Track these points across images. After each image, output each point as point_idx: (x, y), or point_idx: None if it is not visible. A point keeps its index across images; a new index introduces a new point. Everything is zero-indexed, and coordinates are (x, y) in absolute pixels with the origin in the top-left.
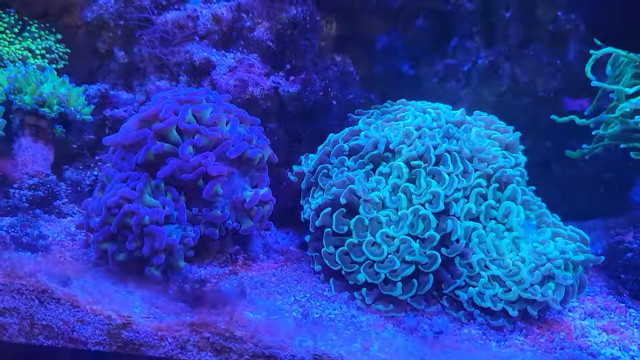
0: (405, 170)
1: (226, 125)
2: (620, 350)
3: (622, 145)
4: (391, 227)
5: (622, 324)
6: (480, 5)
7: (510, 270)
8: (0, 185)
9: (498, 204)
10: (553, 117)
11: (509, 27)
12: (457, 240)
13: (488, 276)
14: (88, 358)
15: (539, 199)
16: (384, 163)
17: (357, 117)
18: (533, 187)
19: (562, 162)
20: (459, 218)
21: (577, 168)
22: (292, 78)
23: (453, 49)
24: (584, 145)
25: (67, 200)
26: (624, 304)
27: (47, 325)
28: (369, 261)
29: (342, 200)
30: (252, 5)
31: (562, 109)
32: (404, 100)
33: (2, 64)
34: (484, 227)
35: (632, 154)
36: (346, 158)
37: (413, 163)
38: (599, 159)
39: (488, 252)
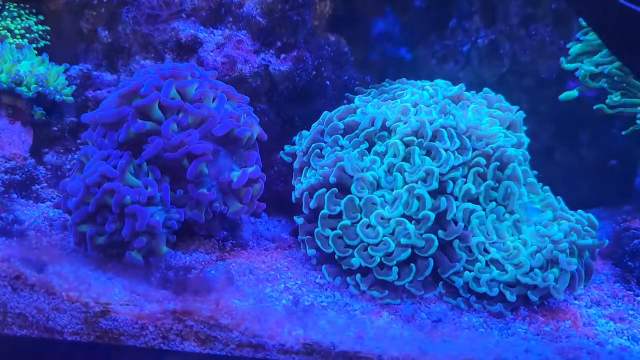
0: (402, 147)
1: (213, 101)
2: (629, 339)
3: (623, 132)
4: (386, 207)
5: (630, 312)
6: None
7: (510, 254)
8: None
9: (498, 185)
10: (563, 96)
11: (510, 6)
12: (455, 222)
13: (486, 260)
14: (65, 349)
15: (541, 184)
16: (379, 142)
17: (354, 96)
18: (535, 172)
19: (565, 149)
20: (456, 198)
21: (579, 155)
22: (283, 56)
23: (452, 29)
24: None
25: (46, 185)
26: (631, 292)
27: (20, 313)
28: (363, 244)
29: (332, 180)
30: None
31: (563, 90)
32: (403, 79)
33: None
34: (484, 209)
35: None
36: (340, 137)
37: (406, 139)
38: (602, 147)
39: (488, 235)
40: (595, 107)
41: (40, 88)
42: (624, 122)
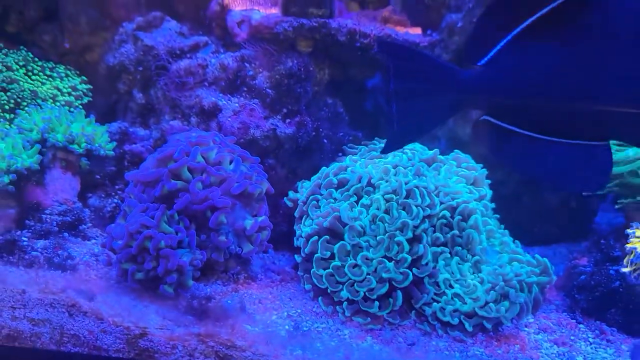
0: (383, 202)
1: (230, 163)
2: None
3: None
4: (370, 250)
5: (572, 337)
6: (455, 57)
7: (470, 289)
8: (35, 211)
9: (462, 233)
10: None
11: None
12: (427, 263)
13: (451, 294)
14: None
15: (502, 226)
16: (365, 196)
17: (348, 151)
18: (497, 216)
19: (530, 194)
20: (428, 244)
21: (544, 199)
22: (288, 121)
23: None
24: None
25: (90, 224)
26: (574, 321)
27: (74, 334)
28: (350, 280)
29: (326, 225)
30: (254, 57)
31: None
32: None
33: (37, 103)
34: (450, 252)
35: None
36: (334, 190)
37: (387, 197)
38: (564, 192)
39: (453, 274)
40: None
41: (89, 145)
42: None
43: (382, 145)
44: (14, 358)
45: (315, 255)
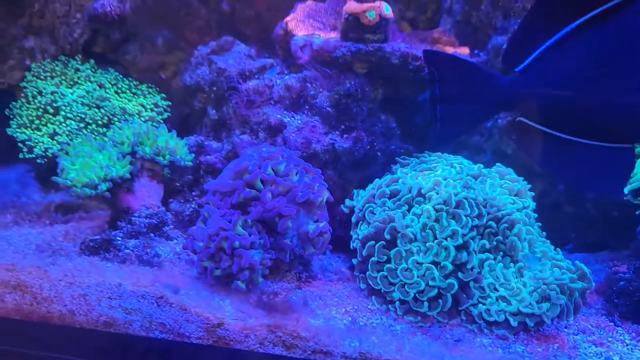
0: (433, 212)
1: (295, 175)
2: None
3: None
4: (420, 254)
5: (610, 339)
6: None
7: (514, 292)
8: (125, 214)
9: (506, 240)
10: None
11: None
12: (472, 268)
13: (496, 297)
14: (191, 349)
15: (544, 234)
16: (416, 205)
17: (401, 163)
18: (539, 224)
19: (573, 203)
20: (475, 251)
21: (585, 208)
22: (345, 136)
23: None
24: None
25: (172, 226)
26: (612, 324)
27: (161, 322)
28: (401, 282)
29: (384, 234)
30: (315, 78)
31: None
32: (439, 153)
33: (126, 118)
34: (494, 259)
35: None
36: (387, 199)
37: (438, 207)
38: (606, 202)
39: (497, 278)
40: None
41: (171, 157)
42: None
43: (432, 159)
44: (109, 342)
45: (371, 259)
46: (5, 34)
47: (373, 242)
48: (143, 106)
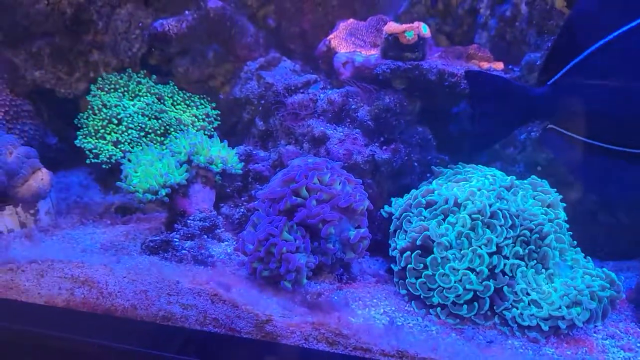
0: (469, 221)
1: (339, 185)
2: None
3: None
4: (456, 261)
5: (639, 344)
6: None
7: (545, 296)
8: (181, 217)
9: (538, 249)
10: None
11: None
12: (504, 274)
13: (528, 300)
14: (241, 342)
15: (575, 242)
16: (451, 215)
17: (436, 171)
18: (570, 233)
19: (605, 212)
20: (507, 257)
21: (618, 217)
22: (384, 147)
23: None
24: None
25: (223, 229)
26: None
27: (215, 318)
28: (440, 288)
29: (419, 243)
30: (356, 93)
31: None
32: (473, 165)
33: (181, 128)
34: (526, 265)
35: None
36: (423, 209)
37: (474, 216)
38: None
39: (529, 283)
40: None
41: (223, 165)
42: None
43: (467, 169)
44: (166, 335)
45: (409, 266)
46: (73, 49)
47: (409, 252)
48: (196, 116)
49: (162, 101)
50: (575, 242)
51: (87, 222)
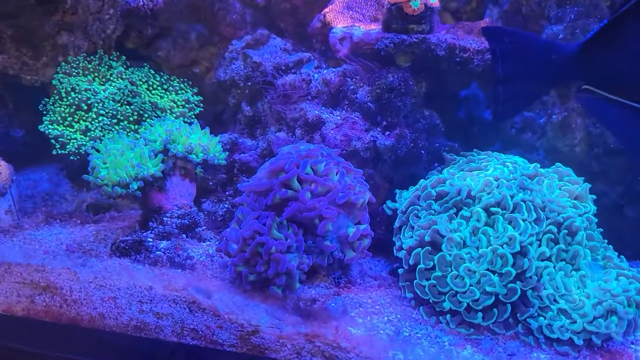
0: (484, 215)
1: (336, 175)
2: None
3: None
4: (472, 262)
5: None
6: None
7: (577, 305)
8: (157, 214)
9: (568, 247)
10: None
11: None
12: (530, 277)
13: (557, 309)
14: (223, 357)
15: (606, 241)
16: (465, 208)
17: (448, 158)
18: (600, 229)
19: (634, 206)
20: (533, 259)
21: None
22: (387, 133)
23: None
24: None
25: (205, 227)
26: None
27: (193, 328)
28: (452, 291)
29: (427, 239)
30: (355, 72)
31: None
32: (489, 152)
33: (157, 114)
34: (554, 267)
35: None
36: (433, 202)
37: (492, 210)
38: None
39: (557, 289)
40: None
41: (204, 155)
42: None
43: (481, 157)
44: (138, 348)
45: (418, 266)
46: (39, 31)
47: (419, 249)
48: (175, 102)
49: (135, 86)
50: (605, 240)
51: (53, 222)
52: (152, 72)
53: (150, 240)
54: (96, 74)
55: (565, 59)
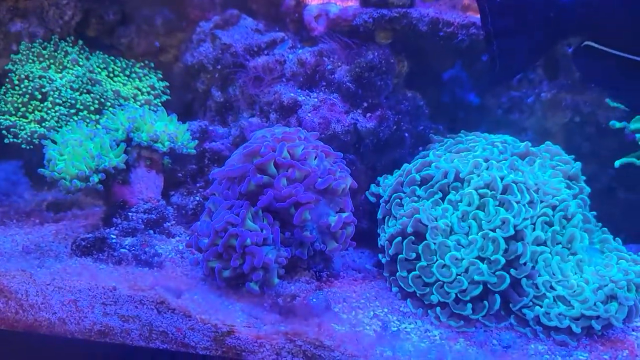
0: (476, 197)
1: (314, 159)
2: None
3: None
4: (460, 250)
5: None
6: None
7: (575, 291)
8: (121, 209)
9: (563, 230)
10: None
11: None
12: (525, 263)
13: (553, 296)
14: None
15: (600, 224)
16: (453, 192)
17: (435, 139)
18: (594, 213)
19: (626, 187)
20: (528, 243)
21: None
22: (369, 115)
23: (518, 80)
24: None
25: (174, 222)
26: None
27: (163, 331)
28: (439, 282)
29: (409, 230)
30: (332, 51)
31: (622, 138)
32: (477, 132)
33: (120, 102)
34: (550, 252)
35: None
36: (417, 187)
37: (481, 192)
38: None
39: (554, 275)
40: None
41: (172, 144)
42: None
43: (469, 138)
44: (103, 354)
45: (399, 256)
46: None
47: (400, 238)
48: (139, 89)
49: (94, 73)
50: (599, 223)
51: (9, 222)
52: (112, 58)
53: (114, 237)
54: (52, 61)
55: (564, 10)
